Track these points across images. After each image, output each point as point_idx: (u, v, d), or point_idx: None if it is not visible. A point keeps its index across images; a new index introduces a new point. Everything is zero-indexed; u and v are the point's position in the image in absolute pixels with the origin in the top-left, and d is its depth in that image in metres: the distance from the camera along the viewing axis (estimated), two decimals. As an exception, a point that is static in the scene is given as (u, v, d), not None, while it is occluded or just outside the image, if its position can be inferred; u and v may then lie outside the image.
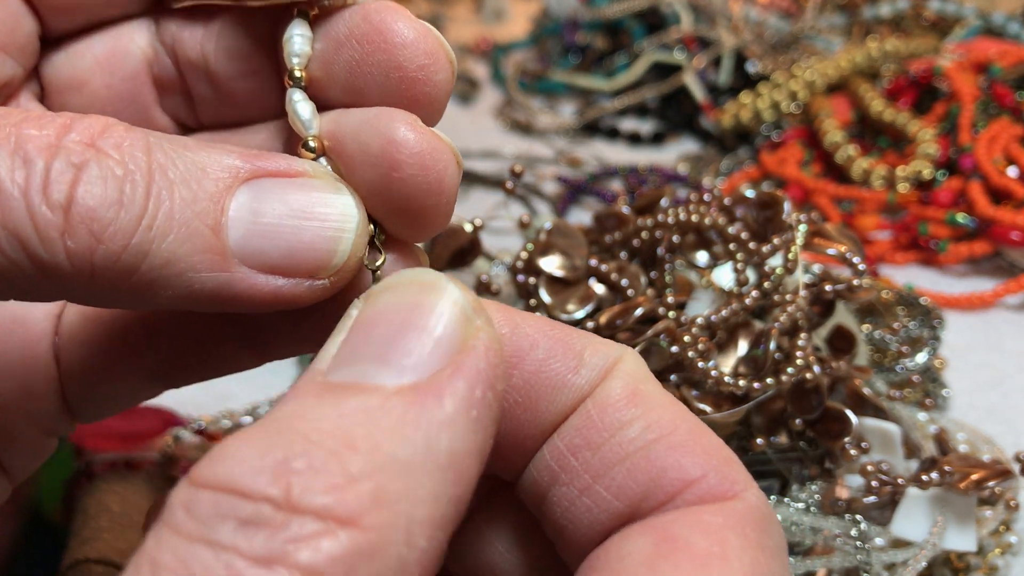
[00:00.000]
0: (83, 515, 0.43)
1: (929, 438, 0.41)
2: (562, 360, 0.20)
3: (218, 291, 0.19)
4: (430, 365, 0.16)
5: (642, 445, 0.19)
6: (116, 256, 0.18)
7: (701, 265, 0.39)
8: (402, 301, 0.17)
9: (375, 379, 0.16)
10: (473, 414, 0.16)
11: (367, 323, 0.17)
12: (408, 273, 0.18)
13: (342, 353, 0.17)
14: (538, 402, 0.20)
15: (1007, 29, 0.90)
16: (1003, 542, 0.38)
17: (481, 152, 0.83)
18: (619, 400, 0.19)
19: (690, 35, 0.97)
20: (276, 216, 0.19)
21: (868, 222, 0.65)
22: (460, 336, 0.17)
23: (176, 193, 0.18)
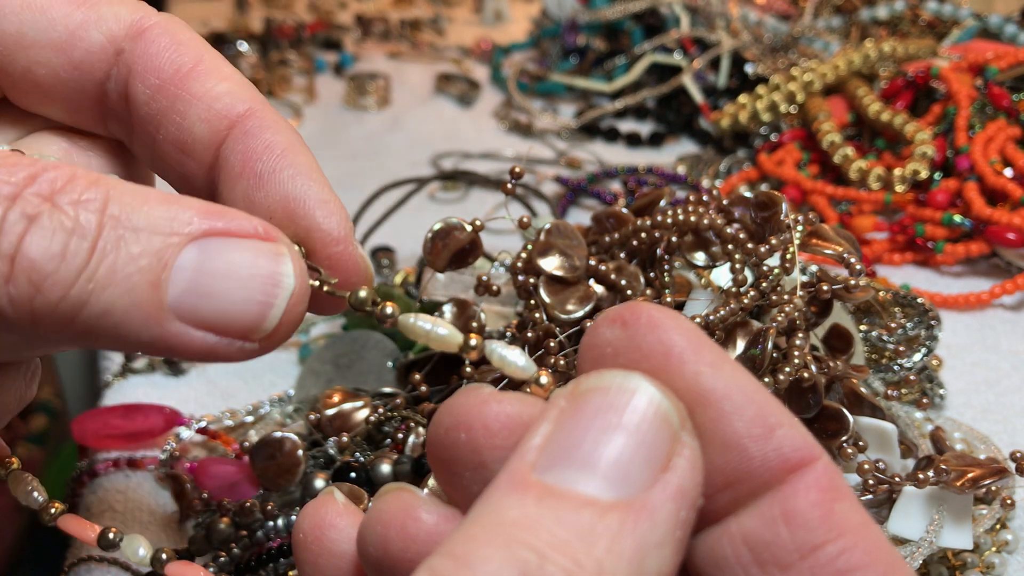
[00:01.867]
0: (86, 514, 0.43)
1: (925, 437, 0.41)
2: (747, 424, 0.18)
3: (153, 343, 0.20)
4: (640, 479, 0.17)
5: (831, 574, 0.17)
6: (53, 305, 0.19)
7: (699, 265, 0.40)
8: (613, 403, 0.18)
9: (587, 488, 0.17)
10: (678, 535, 0.17)
11: (575, 422, 0.17)
12: (619, 375, 0.18)
13: (550, 451, 0.17)
14: (706, 450, 0.18)
15: (1003, 31, 0.90)
16: (999, 540, 0.38)
17: (481, 153, 0.84)
18: (813, 519, 0.18)
19: (689, 37, 0.97)
20: (215, 277, 0.20)
21: (865, 223, 0.65)
22: (667, 450, 0.17)
23: (123, 248, 0.19)
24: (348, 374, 0.47)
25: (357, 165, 0.82)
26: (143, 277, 0.19)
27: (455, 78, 1.03)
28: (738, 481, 0.18)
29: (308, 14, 1.32)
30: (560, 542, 0.16)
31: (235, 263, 0.20)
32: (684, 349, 0.18)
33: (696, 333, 0.19)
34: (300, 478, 0.38)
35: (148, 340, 0.20)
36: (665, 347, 0.18)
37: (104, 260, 0.19)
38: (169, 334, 0.20)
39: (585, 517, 0.16)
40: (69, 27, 0.23)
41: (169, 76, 0.23)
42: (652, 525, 0.16)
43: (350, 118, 0.94)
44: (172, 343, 0.20)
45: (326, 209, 0.23)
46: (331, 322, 0.55)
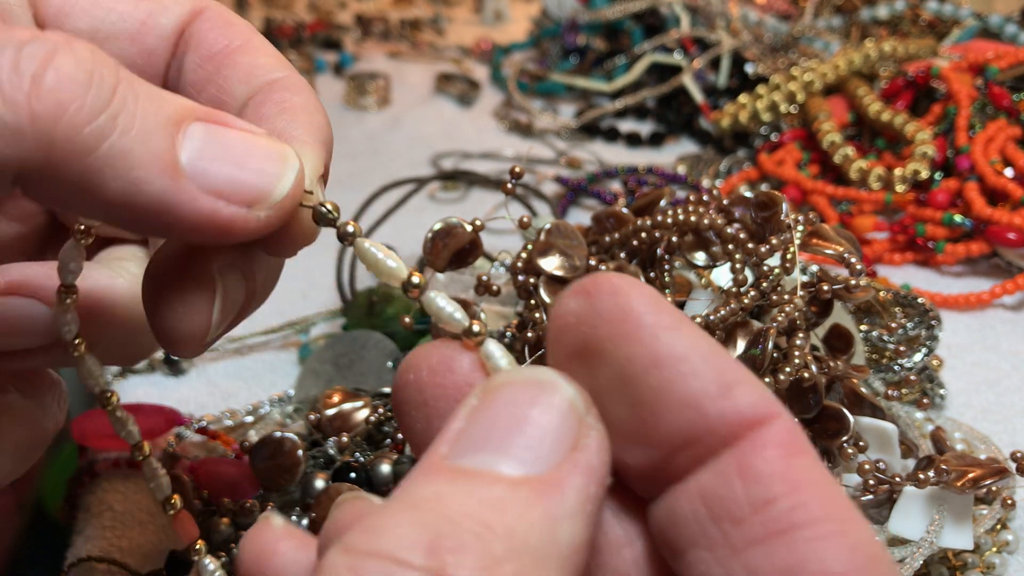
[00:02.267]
0: (86, 513, 0.43)
1: (926, 437, 0.41)
2: (704, 383, 0.18)
3: (161, 200, 0.20)
4: (549, 459, 0.18)
5: (784, 528, 0.17)
6: (76, 131, 0.19)
7: (700, 265, 0.40)
8: (520, 396, 0.18)
9: (498, 468, 0.17)
10: (588, 508, 0.17)
11: (486, 414, 0.18)
12: (526, 371, 0.19)
13: (463, 440, 0.18)
14: (664, 410, 0.19)
15: (1004, 31, 0.90)
16: (1000, 540, 0.38)
17: (481, 153, 0.84)
18: (768, 474, 0.18)
19: (689, 37, 0.97)
20: (225, 147, 0.21)
21: (865, 222, 0.65)
22: (574, 433, 0.18)
23: (140, 101, 0.20)
24: (348, 374, 0.47)
25: (357, 165, 0.82)
26: (161, 130, 0.20)
27: (455, 78, 1.03)
28: (696, 440, 0.18)
29: (308, 14, 1.32)
30: (472, 511, 0.16)
31: (241, 139, 0.21)
32: (642, 313, 0.19)
33: (655, 297, 0.19)
34: (300, 478, 0.38)
35: (157, 197, 0.20)
36: (623, 311, 0.19)
37: (125, 105, 0.19)
38: (180, 191, 0.20)
39: (496, 490, 0.17)
40: (139, 18, 0.25)
41: (220, 50, 0.25)
42: (562, 497, 0.17)
43: (350, 118, 0.94)
44: (179, 200, 0.20)
45: (301, 150, 0.24)
46: (331, 322, 0.55)
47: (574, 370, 0.20)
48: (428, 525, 0.16)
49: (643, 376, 0.19)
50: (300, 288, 0.61)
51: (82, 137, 0.19)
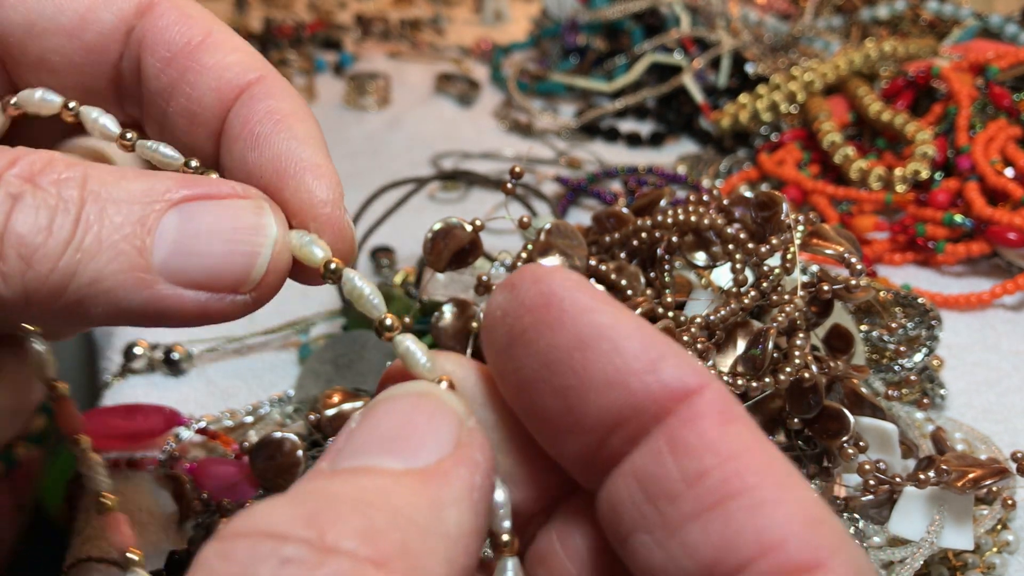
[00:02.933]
0: (85, 514, 0.43)
1: (926, 437, 0.41)
2: (627, 359, 0.18)
3: (146, 307, 0.20)
4: (433, 455, 0.17)
5: (718, 500, 0.17)
6: (44, 277, 0.19)
7: (700, 265, 0.40)
8: (402, 406, 0.19)
9: (381, 464, 0.17)
10: (475, 496, 0.17)
11: (367, 426, 0.18)
12: (404, 385, 0.19)
13: (345, 450, 0.18)
14: (589, 392, 0.18)
15: (1004, 30, 0.90)
16: (1000, 540, 0.38)
17: (481, 153, 0.84)
18: (698, 445, 0.17)
19: (689, 37, 0.97)
20: (197, 237, 0.21)
21: (866, 222, 0.65)
22: (455, 435, 0.18)
23: (106, 220, 0.20)
24: (348, 374, 0.47)
25: (357, 165, 0.82)
26: (128, 244, 0.20)
27: (455, 78, 1.03)
28: (626, 419, 0.18)
29: (308, 14, 1.32)
30: (353, 494, 0.16)
31: (216, 221, 0.21)
32: (562, 298, 0.19)
33: (577, 281, 0.19)
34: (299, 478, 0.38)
35: (140, 305, 0.20)
36: (545, 297, 0.19)
37: (89, 231, 0.20)
38: (160, 296, 0.20)
39: (379, 480, 0.17)
40: (79, 11, 0.23)
41: (179, 48, 0.24)
42: (447, 485, 0.17)
43: (350, 118, 0.94)
44: (164, 305, 0.20)
45: (316, 172, 0.23)
46: (331, 322, 0.55)
47: (504, 364, 0.20)
48: (306, 504, 0.16)
49: (567, 360, 0.18)
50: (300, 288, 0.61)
51: (49, 283, 0.19)
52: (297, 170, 0.23)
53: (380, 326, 0.21)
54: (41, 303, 0.20)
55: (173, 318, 0.21)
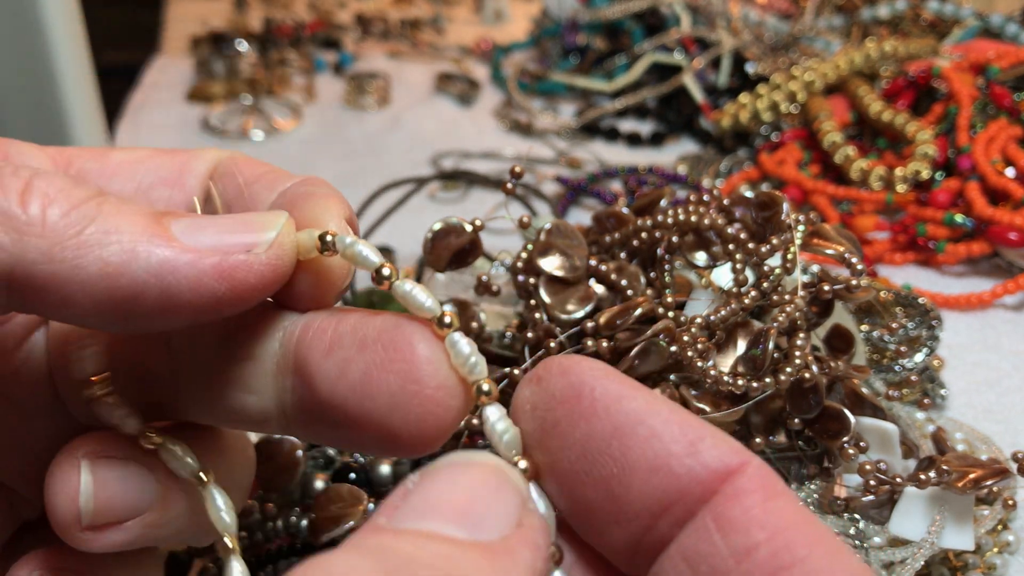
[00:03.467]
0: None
1: (927, 437, 0.41)
2: (667, 443, 0.18)
3: (161, 264, 0.20)
4: (496, 530, 0.17)
5: (770, 572, 0.17)
6: (65, 212, 0.20)
7: (700, 265, 0.40)
8: (461, 473, 0.18)
9: (443, 531, 0.17)
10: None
11: (429, 489, 0.18)
12: (470, 454, 0.19)
13: (404, 509, 0.17)
14: (633, 479, 0.18)
15: (1005, 30, 0.90)
16: (1000, 541, 0.38)
17: (481, 153, 0.84)
18: (745, 521, 0.17)
19: (689, 36, 0.97)
20: (210, 221, 0.22)
21: (866, 222, 0.65)
22: (519, 514, 0.18)
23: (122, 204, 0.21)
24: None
25: (357, 165, 0.82)
26: (148, 215, 0.21)
27: (455, 78, 1.03)
28: (671, 503, 0.18)
29: (307, 13, 1.32)
30: (428, 562, 0.16)
31: (225, 215, 0.22)
32: (593, 387, 0.19)
33: (604, 369, 0.19)
34: (299, 479, 0.38)
35: (158, 264, 0.20)
36: (575, 389, 0.19)
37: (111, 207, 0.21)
38: (178, 254, 0.20)
39: (445, 548, 0.16)
40: (176, 168, 0.27)
41: (247, 176, 0.26)
42: (514, 564, 0.17)
43: (350, 118, 0.94)
44: (182, 263, 0.20)
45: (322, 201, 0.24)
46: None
47: (539, 459, 0.20)
48: (381, 561, 0.15)
49: (606, 449, 0.18)
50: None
51: (69, 218, 0.20)
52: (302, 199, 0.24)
53: (378, 275, 0.21)
54: (58, 233, 0.20)
55: (188, 279, 0.20)
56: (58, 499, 0.23)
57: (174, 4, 1.35)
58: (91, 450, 0.24)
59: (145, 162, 0.26)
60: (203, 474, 0.24)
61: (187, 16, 1.27)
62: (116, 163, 0.26)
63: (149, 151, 0.27)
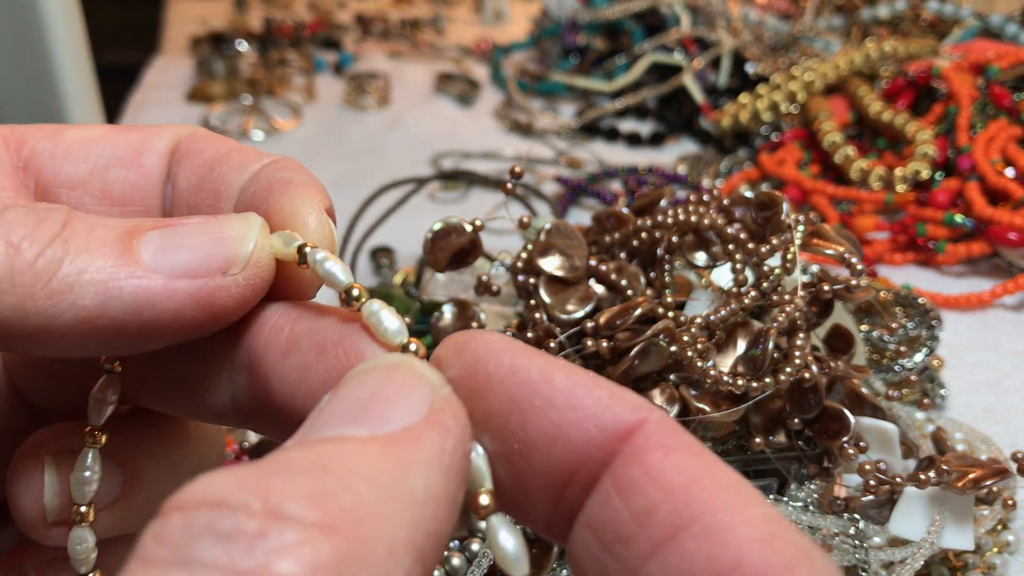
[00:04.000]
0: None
1: (927, 437, 0.41)
2: (561, 410, 0.18)
3: (137, 297, 0.20)
4: (402, 422, 0.17)
5: (668, 534, 0.16)
6: (30, 263, 0.19)
7: (700, 265, 0.40)
8: (371, 379, 0.18)
9: (350, 432, 0.16)
10: (445, 460, 0.16)
11: (336, 400, 0.17)
12: (376, 358, 0.19)
13: (313, 424, 0.17)
14: (534, 453, 0.18)
15: (1005, 30, 0.90)
16: (1000, 541, 0.38)
17: (481, 153, 0.84)
18: (642, 481, 0.17)
19: (689, 37, 0.97)
20: (183, 236, 0.21)
21: (866, 222, 0.65)
22: (428, 402, 0.17)
23: (92, 231, 0.20)
24: (348, 374, 0.47)
25: (357, 165, 0.82)
26: (114, 245, 0.20)
27: (455, 78, 1.03)
28: (574, 471, 0.18)
29: (307, 13, 1.32)
30: (308, 462, 0.15)
31: (201, 224, 0.21)
32: (487, 361, 0.18)
33: (501, 342, 0.19)
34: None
35: (131, 295, 0.20)
36: (471, 367, 0.18)
37: (75, 233, 0.20)
38: (150, 285, 0.20)
39: (341, 447, 0.16)
40: (134, 145, 0.25)
41: (210, 157, 0.25)
42: (415, 449, 0.16)
43: (350, 118, 0.94)
44: (155, 293, 0.20)
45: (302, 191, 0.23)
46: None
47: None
48: (253, 468, 0.15)
49: (506, 426, 0.18)
50: (300, 288, 0.61)
51: (37, 266, 0.19)
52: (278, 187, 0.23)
53: (347, 296, 0.21)
54: (26, 287, 0.19)
55: (165, 313, 0.20)
56: (22, 499, 0.23)
57: (174, 4, 1.35)
58: (53, 445, 0.23)
59: (100, 141, 0.25)
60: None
61: (187, 16, 1.27)
62: (69, 143, 0.25)
63: (105, 129, 0.26)
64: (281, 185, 0.23)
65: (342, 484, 0.15)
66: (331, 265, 0.21)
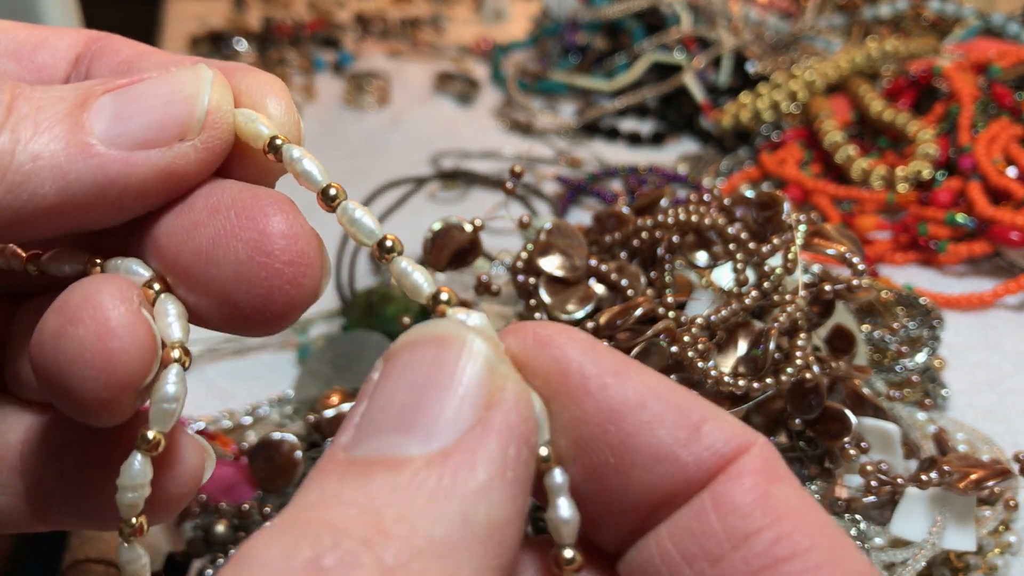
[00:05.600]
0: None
1: (928, 438, 0.41)
2: (671, 429, 0.17)
3: (96, 177, 0.19)
4: (457, 426, 0.15)
5: (769, 563, 0.16)
6: None
7: (701, 265, 0.39)
8: (423, 359, 0.16)
9: (402, 450, 0.15)
10: (508, 475, 0.15)
11: (387, 388, 0.16)
12: (428, 327, 0.17)
13: (364, 424, 0.16)
14: (633, 469, 0.17)
15: (1006, 29, 0.90)
16: (1002, 541, 0.38)
17: (481, 152, 0.83)
18: (746, 505, 0.16)
19: (690, 35, 0.97)
20: (135, 101, 0.20)
21: (867, 222, 0.65)
22: (486, 390, 0.16)
23: (40, 110, 0.19)
24: (347, 375, 0.47)
25: (357, 164, 0.82)
26: (65, 123, 0.19)
27: (455, 77, 1.03)
28: (677, 492, 0.17)
29: (307, 13, 1.31)
30: (364, 513, 0.14)
31: (153, 85, 0.20)
32: (582, 363, 0.17)
33: (590, 343, 0.17)
34: (298, 479, 0.38)
35: (90, 176, 0.19)
36: (561, 364, 0.17)
37: (23, 119, 0.19)
38: (107, 162, 0.19)
39: (397, 480, 0.15)
40: (32, 42, 0.24)
41: (128, 56, 0.23)
42: (472, 471, 0.15)
43: (349, 117, 0.94)
44: (114, 171, 0.19)
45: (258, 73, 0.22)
46: (330, 323, 0.55)
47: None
48: (306, 542, 0.14)
49: (601, 436, 0.17)
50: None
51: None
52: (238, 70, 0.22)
53: (324, 196, 0.20)
54: None
55: (128, 188, 0.19)
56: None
57: (173, 3, 1.35)
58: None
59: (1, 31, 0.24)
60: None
61: (186, 15, 1.26)
62: None
63: (13, 24, 0.24)
64: (238, 70, 0.22)
65: (401, 554, 0.14)
66: (309, 164, 0.20)
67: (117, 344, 0.18)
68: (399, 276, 0.19)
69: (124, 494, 0.20)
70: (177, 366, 0.19)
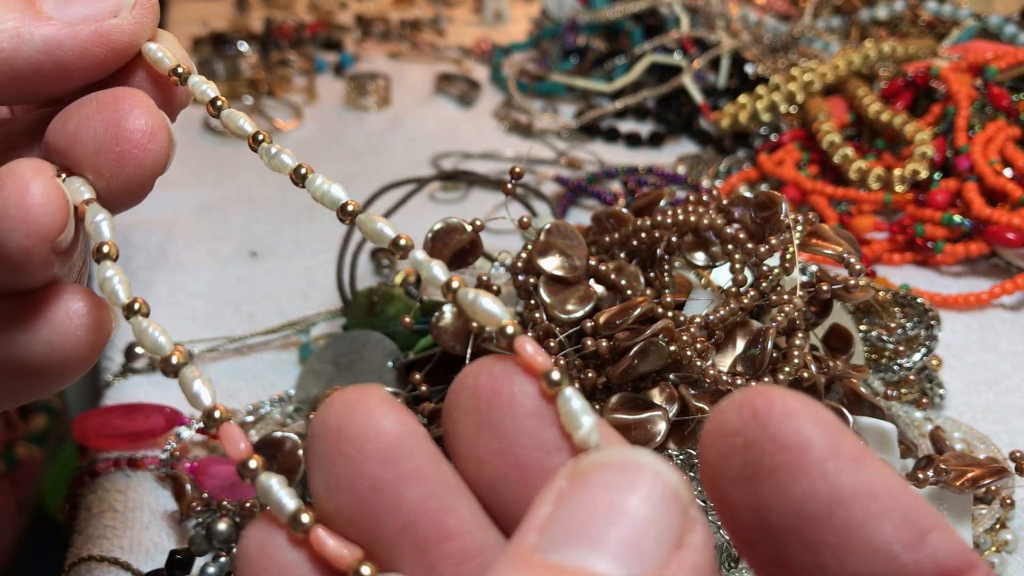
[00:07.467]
0: (87, 513, 0.43)
1: (925, 437, 0.41)
2: (898, 528, 0.16)
3: (47, 42, 0.23)
4: (651, 557, 0.15)
5: None
6: None
7: (699, 265, 0.40)
8: (616, 480, 0.17)
9: (593, 566, 0.15)
10: None
11: (577, 499, 0.16)
12: (620, 451, 0.17)
13: (553, 529, 0.16)
14: (850, 556, 0.16)
15: (1003, 31, 0.91)
16: (999, 540, 0.38)
17: (481, 153, 0.84)
18: None
19: (689, 37, 0.97)
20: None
21: (865, 223, 0.65)
22: (678, 527, 0.16)
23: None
24: (348, 374, 0.47)
25: (357, 165, 0.82)
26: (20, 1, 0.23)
27: (455, 78, 1.03)
28: None
29: (308, 14, 1.32)
30: None
31: None
32: (823, 442, 0.17)
33: (834, 424, 0.17)
34: (300, 478, 0.38)
35: (42, 43, 0.23)
36: (803, 440, 0.17)
37: None
38: (57, 28, 0.23)
39: None
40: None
41: None
42: None
43: (350, 118, 0.94)
44: (63, 38, 0.23)
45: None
46: (331, 322, 0.55)
47: (737, 496, 0.18)
48: None
49: (826, 516, 0.17)
50: (300, 288, 0.62)
51: None
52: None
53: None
54: None
55: (74, 49, 0.23)
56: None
57: (175, 5, 1.35)
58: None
59: None
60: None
61: (188, 17, 1.27)
62: None
63: None
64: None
65: None
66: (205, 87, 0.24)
67: (34, 200, 0.22)
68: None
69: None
70: (95, 204, 0.23)
